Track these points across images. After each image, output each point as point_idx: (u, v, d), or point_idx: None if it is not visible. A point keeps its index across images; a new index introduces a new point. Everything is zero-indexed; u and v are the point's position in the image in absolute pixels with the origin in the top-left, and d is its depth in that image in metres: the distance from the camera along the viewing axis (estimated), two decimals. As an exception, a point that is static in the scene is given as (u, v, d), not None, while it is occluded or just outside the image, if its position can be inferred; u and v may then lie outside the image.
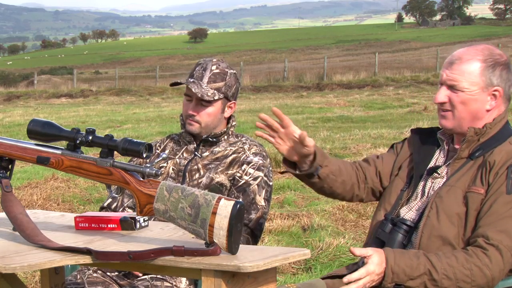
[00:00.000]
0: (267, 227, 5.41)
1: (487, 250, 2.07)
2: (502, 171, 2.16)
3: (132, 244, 1.96)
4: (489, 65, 2.25)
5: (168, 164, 2.82)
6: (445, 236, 2.17)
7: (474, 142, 2.26)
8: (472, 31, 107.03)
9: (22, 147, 2.04)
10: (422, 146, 2.39)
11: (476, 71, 2.24)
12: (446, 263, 2.07)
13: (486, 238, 2.09)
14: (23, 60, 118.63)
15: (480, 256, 2.07)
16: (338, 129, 12.65)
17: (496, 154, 2.20)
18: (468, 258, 2.07)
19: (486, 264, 2.07)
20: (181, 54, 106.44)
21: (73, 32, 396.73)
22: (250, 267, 1.72)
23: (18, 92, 31.30)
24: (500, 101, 2.28)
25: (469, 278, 2.07)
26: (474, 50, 2.29)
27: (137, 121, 16.50)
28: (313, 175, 2.35)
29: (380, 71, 29.99)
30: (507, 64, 2.29)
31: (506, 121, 2.31)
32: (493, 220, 2.11)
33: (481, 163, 2.22)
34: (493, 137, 2.26)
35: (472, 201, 2.17)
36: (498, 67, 2.26)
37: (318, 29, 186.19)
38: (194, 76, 2.77)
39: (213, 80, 2.75)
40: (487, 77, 2.24)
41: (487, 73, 2.24)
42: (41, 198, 6.84)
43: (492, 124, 2.26)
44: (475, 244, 2.10)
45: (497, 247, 2.07)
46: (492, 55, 2.27)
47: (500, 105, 2.29)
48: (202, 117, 2.77)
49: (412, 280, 2.07)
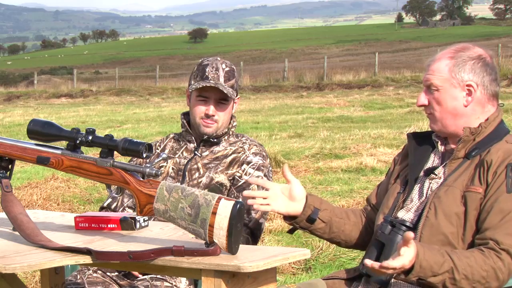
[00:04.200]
0: (267, 227, 5.41)
1: (500, 254, 2.08)
2: (501, 170, 2.16)
3: (132, 244, 1.96)
4: (459, 60, 2.27)
5: (167, 163, 2.82)
6: (445, 236, 2.17)
7: (470, 141, 2.26)
8: (472, 31, 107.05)
9: (22, 147, 2.04)
10: (418, 149, 2.39)
11: (445, 67, 2.27)
12: (467, 263, 2.06)
13: (496, 242, 2.09)
14: (23, 60, 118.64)
15: (495, 259, 2.07)
16: (338, 129, 12.65)
17: (493, 153, 2.20)
18: (485, 260, 2.07)
19: (500, 267, 2.07)
20: (181, 54, 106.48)
21: (73, 32, 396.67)
22: (250, 267, 1.72)
23: (18, 92, 31.31)
24: (479, 97, 2.27)
25: (484, 280, 2.07)
26: (449, 49, 2.32)
27: (137, 121, 16.50)
28: (314, 219, 2.38)
29: (380, 71, 29.97)
30: (482, 59, 2.28)
31: (500, 119, 2.31)
32: (498, 222, 2.10)
33: (478, 162, 2.22)
34: (488, 136, 2.26)
35: (470, 201, 2.17)
36: (469, 62, 2.26)
37: (318, 29, 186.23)
38: (209, 78, 2.77)
39: (228, 78, 2.78)
40: (456, 72, 2.26)
41: (456, 69, 2.26)
42: (41, 198, 6.84)
43: (486, 123, 2.26)
44: (488, 246, 2.10)
45: (508, 252, 2.08)
46: (465, 52, 2.29)
47: (482, 101, 2.28)
48: (221, 116, 2.80)
49: (435, 276, 2.05)
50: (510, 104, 14.95)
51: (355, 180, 7.58)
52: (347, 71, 30.17)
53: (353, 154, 9.17)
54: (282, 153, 9.06)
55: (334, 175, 7.88)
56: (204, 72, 2.78)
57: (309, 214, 2.38)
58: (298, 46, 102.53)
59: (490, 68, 2.30)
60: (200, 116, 2.80)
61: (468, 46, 2.34)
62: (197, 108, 2.80)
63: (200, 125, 2.80)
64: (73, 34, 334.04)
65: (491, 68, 2.30)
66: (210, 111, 2.78)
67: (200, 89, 2.77)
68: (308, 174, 8.03)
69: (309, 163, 8.65)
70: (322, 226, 2.40)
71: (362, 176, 7.83)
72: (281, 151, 9.31)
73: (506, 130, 2.30)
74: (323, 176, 7.87)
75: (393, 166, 2.50)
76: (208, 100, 2.79)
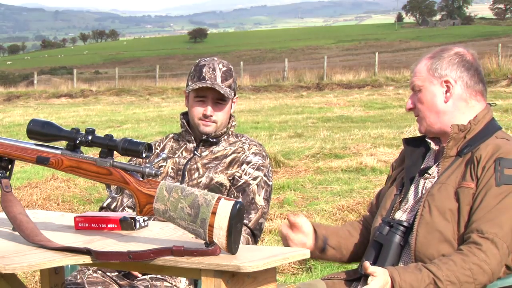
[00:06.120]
0: (267, 227, 5.41)
1: (481, 245, 2.09)
2: (490, 165, 2.18)
3: (131, 244, 1.96)
4: (435, 58, 2.32)
5: (167, 163, 2.82)
6: (441, 232, 2.18)
7: (460, 139, 2.27)
8: (472, 31, 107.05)
9: (22, 147, 2.04)
10: (413, 151, 2.42)
11: (424, 67, 2.33)
12: (446, 269, 2.08)
13: (480, 232, 2.10)
14: (23, 60, 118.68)
15: (476, 253, 2.08)
16: (338, 129, 12.64)
17: (482, 149, 2.22)
18: (465, 259, 2.08)
19: (484, 259, 2.08)
20: (181, 54, 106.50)
21: (73, 32, 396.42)
22: (250, 267, 1.72)
23: (18, 92, 31.29)
24: (460, 93, 2.29)
25: (471, 278, 2.07)
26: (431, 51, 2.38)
27: (137, 121, 16.50)
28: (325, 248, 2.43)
29: (380, 71, 29.94)
30: (460, 55, 2.31)
31: (490, 117, 2.33)
32: (485, 213, 2.13)
33: (469, 158, 2.24)
34: (479, 133, 2.28)
35: (463, 196, 2.18)
36: (446, 59, 2.31)
37: (318, 29, 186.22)
38: (206, 78, 2.77)
39: (225, 78, 2.79)
40: (432, 69, 2.30)
41: (433, 66, 2.31)
42: (41, 198, 6.84)
43: (476, 121, 2.28)
44: (469, 240, 2.12)
45: (492, 240, 2.09)
46: (443, 52, 2.34)
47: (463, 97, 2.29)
48: (219, 116, 2.81)
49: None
50: (510, 104, 14.95)
51: (355, 180, 7.58)
52: (347, 71, 30.14)
53: (353, 154, 9.17)
54: (282, 153, 9.06)
55: (334, 175, 7.88)
56: (201, 73, 2.78)
57: (321, 245, 2.43)
58: (298, 46, 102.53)
59: (469, 64, 2.32)
60: (198, 116, 2.81)
61: (449, 46, 2.40)
62: (195, 109, 2.81)
63: (199, 125, 2.81)
64: (73, 34, 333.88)
65: (470, 64, 2.32)
66: (208, 112, 2.79)
67: (198, 90, 2.78)
68: (308, 174, 8.03)
69: (309, 163, 8.65)
70: (333, 252, 2.47)
71: (362, 176, 7.83)
72: (281, 151, 9.31)
73: (497, 127, 2.32)
74: (323, 176, 7.87)
75: (391, 171, 2.52)
76: (205, 100, 2.79)
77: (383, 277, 2.08)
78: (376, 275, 2.08)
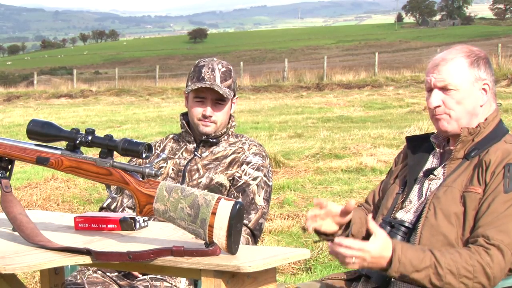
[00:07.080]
0: (267, 227, 5.41)
1: (489, 250, 2.07)
2: (499, 170, 2.16)
3: (131, 244, 1.96)
4: (473, 60, 2.27)
5: (167, 164, 2.82)
6: (445, 236, 2.17)
7: (468, 142, 2.25)
8: (472, 31, 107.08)
9: (22, 147, 2.04)
10: (416, 151, 2.40)
11: (464, 67, 2.26)
12: (450, 258, 2.07)
13: (486, 238, 2.09)
14: (23, 60, 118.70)
15: (482, 254, 2.07)
16: (338, 129, 12.64)
17: (491, 153, 2.20)
18: (471, 255, 2.07)
19: (488, 263, 2.07)
20: (181, 54, 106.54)
21: (73, 32, 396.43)
22: (250, 267, 1.72)
23: (18, 92, 31.29)
24: (490, 96, 2.29)
25: (471, 274, 2.07)
26: (455, 50, 2.31)
27: (137, 121, 16.50)
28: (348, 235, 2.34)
29: (380, 71, 29.94)
30: (487, 58, 2.31)
31: (499, 119, 2.31)
32: (492, 219, 2.11)
33: (477, 162, 2.22)
34: (487, 136, 2.26)
35: (470, 201, 2.17)
36: (482, 61, 2.28)
37: (318, 29, 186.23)
38: (205, 79, 2.77)
39: (224, 78, 2.79)
40: (474, 71, 2.26)
41: (473, 68, 2.26)
42: (41, 198, 6.84)
43: (485, 124, 2.26)
44: (477, 243, 2.10)
45: (498, 247, 2.07)
46: (473, 51, 2.30)
47: (490, 101, 2.29)
48: (219, 116, 2.81)
49: (418, 272, 2.05)
50: (510, 104, 14.95)
51: (355, 180, 7.58)
52: (347, 71, 30.14)
53: (353, 154, 9.17)
54: (282, 153, 9.06)
55: (334, 175, 7.88)
56: (200, 73, 2.79)
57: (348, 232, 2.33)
58: (298, 46, 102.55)
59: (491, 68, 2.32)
60: (197, 117, 2.81)
61: (468, 46, 2.35)
62: (195, 110, 2.81)
63: (199, 126, 2.81)
64: (73, 34, 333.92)
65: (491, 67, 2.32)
66: (207, 112, 2.79)
67: (197, 90, 2.78)
68: (308, 174, 8.03)
69: (309, 163, 8.65)
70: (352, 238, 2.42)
71: (362, 176, 7.83)
72: (281, 151, 9.31)
73: (505, 130, 2.30)
74: (323, 176, 7.87)
75: (394, 166, 2.51)
76: (205, 101, 2.80)
77: (384, 241, 2.03)
78: (377, 235, 2.03)
